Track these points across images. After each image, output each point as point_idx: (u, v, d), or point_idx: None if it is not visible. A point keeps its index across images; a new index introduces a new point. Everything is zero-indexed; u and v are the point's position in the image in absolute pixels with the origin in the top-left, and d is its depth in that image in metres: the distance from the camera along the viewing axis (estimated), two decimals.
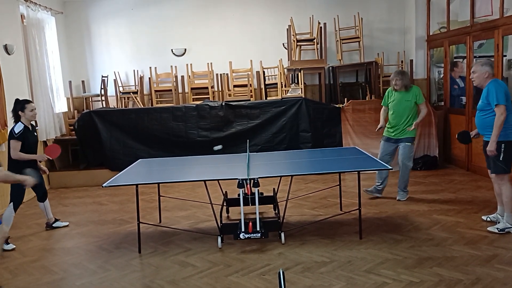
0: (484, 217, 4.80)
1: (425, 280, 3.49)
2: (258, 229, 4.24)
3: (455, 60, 7.82)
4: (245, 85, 8.60)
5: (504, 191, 4.40)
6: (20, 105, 4.85)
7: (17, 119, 4.86)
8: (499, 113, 4.22)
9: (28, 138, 4.84)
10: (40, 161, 5.04)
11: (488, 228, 4.49)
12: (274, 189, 5.35)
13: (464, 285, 3.39)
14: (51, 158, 5.22)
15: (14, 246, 4.69)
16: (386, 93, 5.76)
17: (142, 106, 8.35)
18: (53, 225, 5.34)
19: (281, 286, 1.91)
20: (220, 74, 8.92)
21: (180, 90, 8.96)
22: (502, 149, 4.31)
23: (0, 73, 6.12)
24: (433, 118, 7.41)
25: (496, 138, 4.27)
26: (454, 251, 4.01)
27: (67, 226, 5.39)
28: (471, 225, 4.66)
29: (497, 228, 4.42)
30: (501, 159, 4.32)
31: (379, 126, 5.74)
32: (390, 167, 4.56)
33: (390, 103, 5.63)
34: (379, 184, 5.80)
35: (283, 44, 8.87)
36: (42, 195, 5.21)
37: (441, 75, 8.25)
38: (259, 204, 4.35)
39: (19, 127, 4.78)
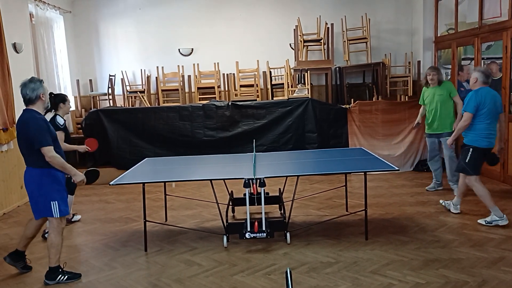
0: (441, 201, 5.40)
1: (431, 282, 3.47)
2: (263, 228, 4.24)
3: (462, 64, 7.77)
4: (252, 85, 8.61)
5: (476, 192, 4.78)
6: (60, 98, 5.06)
7: (53, 110, 4.98)
8: (463, 119, 4.72)
9: (67, 130, 5.10)
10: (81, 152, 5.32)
11: (478, 221, 4.77)
12: (280, 189, 5.36)
13: (470, 287, 3.37)
14: (90, 150, 5.47)
15: (80, 216, 5.53)
16: (422, 92, 6.07)
17: (149, 105, 8.39)
18: (72, 219, 5.43)
19: (288, 285, 1.92)
20: (227, 74, 8.94)
21: (186, 90, 8.99)
22: (469, 153, 4.71)
23: (8, 71, 6.16)
24: None
25: (455, 137, 4.96)
26: (460, 253, 3.99)
27: (78, 221, 5.50)
28: (477, 227, 4.64)
29: (485, 221, 4.71)
30: (466, 161, 4.73)
31: (415, 122, 6.25)
32: (396, 168, 4.52)
33: (426, 100, 5.93)
34: (438, 181, 6.14)
35: (290, 44, 8.87)
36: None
37: (449, 77, 8.21)
38: (265, 204, 4.35)
39: (60, 119, 4.99)
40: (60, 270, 3.80)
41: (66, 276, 3.80)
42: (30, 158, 3.67)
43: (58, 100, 5.01)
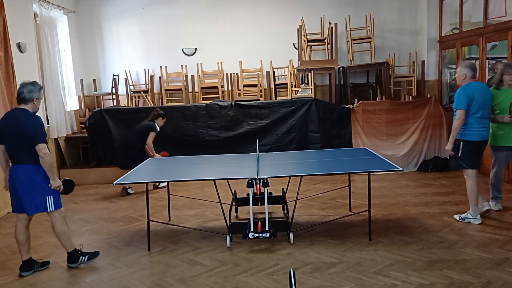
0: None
1: (435, 283, 3.46)
2: (267, 228, 4.24)
3: None
4: (255, 85, 8.61)
5: (467, 186, 4.79)
6: (162, 114, 6.86)
7: (153, 120, 6.76)
8: (456, 117, 4.63)
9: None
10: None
11: (454, 216, 4.95)
12: (283, 189, 5.35)
13: None
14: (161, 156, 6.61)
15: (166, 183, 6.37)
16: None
17: (152, 105, 8.39)
18: (159, 186, 6.72)
19: (292, 286, 1.91)
20: (230, 74, 8.94)
21: (190, 89, 9.00)
22: (460, 147, 4.68)
23: (13, 71, 6.18)
24: (444, 120, 7.35)
25: (452, 140, 4.70)
26: (464, 254, 3.97)
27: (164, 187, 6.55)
28: (482, 227, 4.61)
29: (460, 217, 4.86)
30: (459, 155, 4.71)
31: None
32: (400, 168, 4.49)
33: (497, 105, 4.85)
34: (498, 194, 5.22)
35: (293, 44, 8.85)
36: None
37: (453, 77, 8.18)
38: (268, 204, 4.35)
39: (157, 127, 6.68)
40: (79, 252, 4.05)
41: (86, 257, 4.08)
42: (24, 155, 3.77)
43: (160, 114, 6.83)
